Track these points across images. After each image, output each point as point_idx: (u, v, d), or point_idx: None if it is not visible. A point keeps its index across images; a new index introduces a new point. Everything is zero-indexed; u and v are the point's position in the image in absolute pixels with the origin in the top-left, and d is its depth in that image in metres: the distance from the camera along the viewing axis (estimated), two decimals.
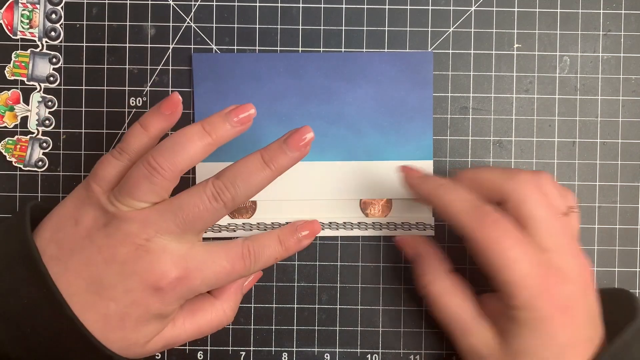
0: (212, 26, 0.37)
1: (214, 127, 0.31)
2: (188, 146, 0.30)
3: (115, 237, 0.29)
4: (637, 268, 0.38)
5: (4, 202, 0.37)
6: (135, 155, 0.31)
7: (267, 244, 0.32)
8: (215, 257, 0.30)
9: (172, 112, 0.32)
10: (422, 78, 0.37)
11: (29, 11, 0.37)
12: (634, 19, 0.38)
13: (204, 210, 0.30)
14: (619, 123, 0.38)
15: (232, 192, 0.30)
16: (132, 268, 0.29)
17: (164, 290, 0.29)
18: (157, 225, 0.29)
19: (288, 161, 0.31)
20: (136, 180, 0.30)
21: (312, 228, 0.34)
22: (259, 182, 0.30)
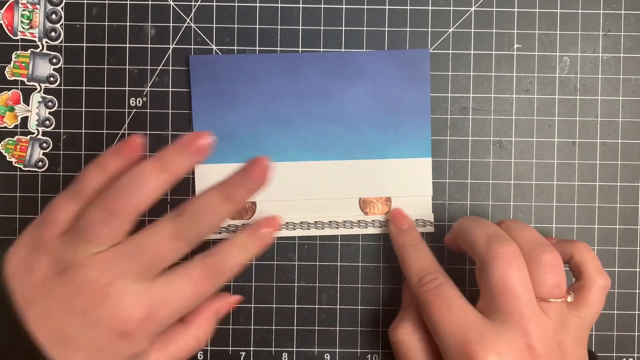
0: (212, 26, 0.37)
1: (170, 162, 0.30)
2: (145, 186, 0.29)
3: (73, 284, 0.28)
4: (637, 268, 0.38)
5: (4, 202, 0.37)
6: (90, 196, 0.30)
7: (229, 252, 0.31)
8: (176, 285, 0.29)
9: (130, 155, 0.31)
10: (419, 76, 0.37)
11: (29, 11, 0.37)
12: (634, 19, 0.38)
13: (166, 250, 0.29)
14: (618, 123, 0.38)
15: (195, 230, 0.29)
16: (94, 316, 0.28)
17: (132, 334, 0.28)
18: (117, 269, 0.28)
19: (248, 194, 0.30)
20: (93, 224, 0.29)
21: (271, 223, 0.33)
22: (220, 217, 0.30)
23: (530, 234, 0.32)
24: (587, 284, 0.32)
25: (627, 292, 0.38)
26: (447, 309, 0.30)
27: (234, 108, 0.37)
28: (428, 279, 0.32)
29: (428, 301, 0.31)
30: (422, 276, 0.32)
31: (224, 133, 0.37)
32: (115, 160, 0.31)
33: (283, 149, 0.37)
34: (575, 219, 0.38)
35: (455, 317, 0.30)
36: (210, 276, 0.30)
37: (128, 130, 0.37)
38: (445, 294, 0.31)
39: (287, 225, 0.37)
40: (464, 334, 0.29)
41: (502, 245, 0.30)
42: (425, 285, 0.32)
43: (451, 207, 0.38)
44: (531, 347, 0.29)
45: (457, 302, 0.31)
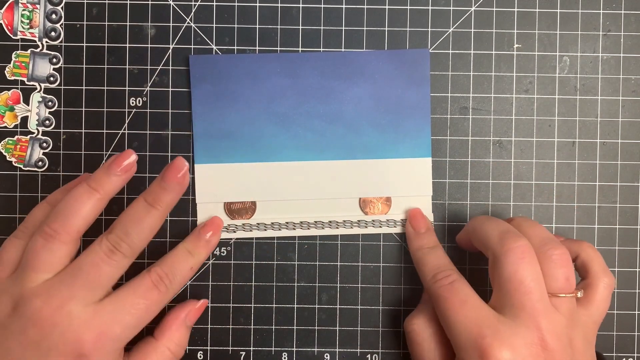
0: (212, 26, 0.37)
1: (100, 182, 0.31)
2: (79, 207, 0.31)
3: (24, 317, 0.29)
4: (637, 268, 0.38)
5: (4, 202, 0.37)
6: (35, 229, 0.32)
7: (176, 260, 0.33)
8: (125, 301, 0.30)
9: None
10: (419, 76, 0.37)
11: (29, 11, 0.37)
12: (634, 19, 0.38)
13: (104, 266, 0.30)
14: (618, 123, 0.38)
15: (127, 242, 0.31)
16: (47, 345, 0.29)
17: (87, 355, 0.29)
18: (61, 294, 0.29)
19: (171, 197, 0.32)
20: (34, 251, 0.30)
21: (214, 226, 0.35)
22: (150, 224, 0.32)
23: (541, 231, 0.32)
24: (593, 282, 0.33)
25: (627, 292, 0.38)
26: (461, 304, 0.31)
27: (234, 108, 0.37)
28: (442, 275, 0.33)
29: (442, 296, 0.32)
30: (436, 273, 0.33)
31: (224, 133, 0.37)
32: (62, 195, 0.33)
33: (283, 148, 0.37)
34: (575, 219, 0.38)
35: (470, 312, 0.30)
36: (159, 285, 0.31)
37: (128, 130, 0.37)
38: (459, 290, 0.32)
39: (287, 225, 0.37)
40: (478, 328, 0.30)
41: (515, 241, 0.31)
42: (439, 282, 0.32)
43: (451, 207, 0.38)
44: (544, 341, 0.29)
45: (471, 298, 0.31)
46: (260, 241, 0.38)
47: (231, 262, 0.38)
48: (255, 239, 0.38)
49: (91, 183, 0.31)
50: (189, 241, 0.34)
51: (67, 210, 0.31)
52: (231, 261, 0.38)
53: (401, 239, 0.38)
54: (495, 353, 0.29)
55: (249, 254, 0.38)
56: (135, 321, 0.30)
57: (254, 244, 0.38)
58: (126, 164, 0.32)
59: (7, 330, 0.29)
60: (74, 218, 0.31)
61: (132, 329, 0.31)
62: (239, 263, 0.38)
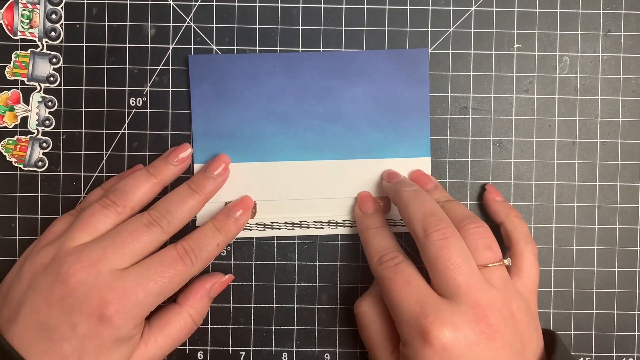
0: (212, 26, 0.37)
1: (158, 170, 0.34)
2: (138, 186, 0.33)
3: (54, 274, 0.30)
4: (637, 268, 0.38)
5: (4, 202, 0.37)
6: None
7: (204, 234, 0.34)
8: (150, 269, 0.31)
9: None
10: (418, 75, 0.37)
11: (29, 11, 0.37)
12: (634, 19, 0.38)
13: (142, 235, 0.32)
14: (619, 123, 0.38)
15: (168, 218, 0.33)
16: (71, 303, 0.30)
17: (109, 317, 0.30)
18: (93, 255, 0.31)
19: (213, 186, 0.35)
20: (88, 215, 0.32)
21: (244, 205, 0.36)
22: (191, 206, 0.34)
23: (461, 210, 0.33)
24: (518, 251, 0.34)
25: (627, 292, 0.38)
26: (405, 284, 0.31)
27: (234, 107, 0.37)
28: (388, 257, 0.33)
29: (386, 277, 0.32)
30: (382, 255, 0.33)
31: (224, 132, 0.37)
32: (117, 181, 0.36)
33: (282, 148, 0.37)
34: (575, 219, 0.38)
35: (413, 292, 0.31)
36: (185, 258, 0.32)
37: (128, 130, 0.37)
38: (403, 271, 0.32)
39: (287, 225, 0.37)
40: (420, 308, 0.30)
41: (436, 224, 0.31)
42: (385, 263, 0.33)
43: None
44: (485, 317, 0.29)
45: (414, 278, 0.31)
46: (260, 241, 0.38)
47: (231, 262, 0.38)
48: (255, 238, 0.38)
49: (150, 169, 0.34)
50: (218, 219, 0.35)
51: (127, 187, 0.33)
52: (231, 261, 0.38)
53: (401, 238, 0.38)
54: (437, 332, 0.29)
55: (249, 254, 0.38)
56: (159, 289, 0.31)
57: (254, 244, 0.38)
58: (182, 156, 0.35)
59: (35, 290, 0.30)
60: (132, 194, 0.33)
61: (155, 297, 0.31)
62: (239, 263, 0.38)
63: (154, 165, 0.35)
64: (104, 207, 0.33)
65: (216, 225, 0.34)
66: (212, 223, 0.34)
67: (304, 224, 0.37)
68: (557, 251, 0.38)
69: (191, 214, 0.34)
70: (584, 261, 0.38)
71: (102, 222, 0.32)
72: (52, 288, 0.30)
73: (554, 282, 0.38)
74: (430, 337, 0.29)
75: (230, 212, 0.35)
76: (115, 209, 0.33)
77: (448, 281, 0.30)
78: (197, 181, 0.34)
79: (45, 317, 0.30)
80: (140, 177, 0.34)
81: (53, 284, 0.30)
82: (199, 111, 0.37)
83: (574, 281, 0.38)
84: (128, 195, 0.33)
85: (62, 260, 0.30)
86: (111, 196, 0.33)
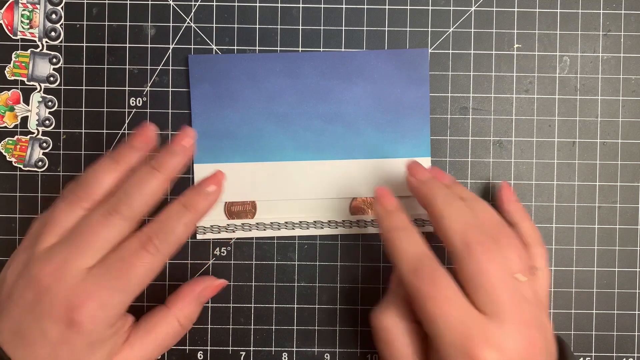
0: (212, 26, 0.37)
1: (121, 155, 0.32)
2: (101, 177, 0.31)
3: (25, 280, 0.29)
4: (637, 268, 0.38)
5: (4, 202, 0.37)
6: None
7: (169, 215, 0.31)
8: (111, 265, 0.29)
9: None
10: (418, 75, 0.37)
11: (29, 11, 0.37)
12: (634, 19, 0.38)
13: (100, 228, 0.29)
14: (619, 123, 0.38)
15: (127, 203, 0.30)
16: (40, 309, 0.28)
17: (78, 321, 0.28)
18: (58, 257, 0.29)
19: (176, 161, 0.31)
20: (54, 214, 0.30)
21: (216, 179, 0.32)
22: (152, 187, 0.31)
23: (490, 215, 0.32)
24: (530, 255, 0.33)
25: (627, 292, 0.38)
26: (446, 301, 0.29)
27: (233, 107, 0.37)
28: (423, 267, 0.30)
29: (423, 290, 0.29)
30: (417, 264, 0.30)
31: (223, 132, 0.37)
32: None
33: (282, 148, 0.37)
34: (575, 219, 0.38)
35: (454, 311, 0.28)
36: (147, 246, 0.30)
37: (128, 130, 0.37)
38: (442, 284, 0.29)
39: (287, 225, 0.37)
40: (464, 328, 0.28)
41: (479, 236, 0.30)
42: (421, 274, 0.30)
43: None
44: (530, 336, 0.28)
45: (454, 294, 0.29)
46: (260, 241, 0.38)
47: (231, 262, 0.38)
48: (255, 238, 0.38)
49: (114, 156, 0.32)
50: (185, 194, 0.31)
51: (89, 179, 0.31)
52: (231, 261, 0.38)
53: None
54: (484, 355, 0.27)
55: (249, 254, 0.38)
56: (124, 285, 0.29)
57: (254, 244, 0.38)
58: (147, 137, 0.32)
59: (11, 296, 0.29)
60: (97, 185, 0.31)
61: (123, 294, 0.29)
62: (239, 263, 0.38)
63: (118, 151, 0.32)
64: (68, 203, 0.30)
65: (183, 202, 0.31)
66: (178, 201, 0.31)
67: (304, 224, 0.37)
68: (557, 251, 0.38)
69: (154, 196, 0.31)
70: (584, 261, 0.38)
71: (67, 220, 0.30)
72: (24, 294, 0.29)
73: (554, 282, 0.38)
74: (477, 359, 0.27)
75: (200, 187, 0.32)
76: (80, 204, 0.30)
77: (492, 298, 0.29)
78: (159, 158, 0.31)
79: (19, 324, 0.29)
80: (104, 166, 0.31)
81: (24, 290, 0.29)
82: (199, 111, 0.37)
83: (574, 281, 0.38)
84: (91, 188, 0.31)
85: (32, 265, 0.29)
86: (75, 190, 0.31)
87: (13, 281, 0.30)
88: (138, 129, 0.32)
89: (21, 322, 0.29)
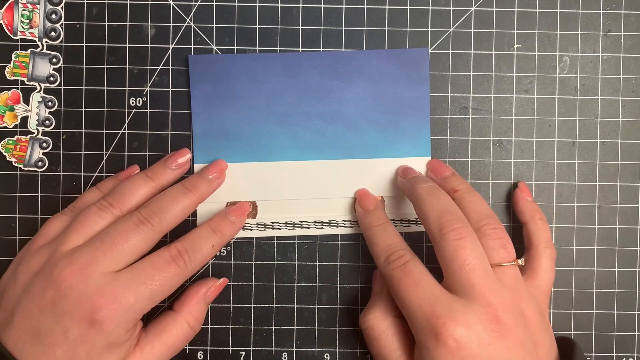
0: (212, 26, 0.37)
1: (157, 173, 0.34)
2: (136, 189, 0.33)
3: (46, 278, 0.30)
4: (637, 268, 0.38)
5: (4, 202, 0.37)
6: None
7: (199, 235, 0.33)
8: (141, 272, 0.31)
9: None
10: (418, 75, 0.37)
11: (29, 11, 0.37)
12: (634, 19, 0.38)
13: (131, 235, 0.31)
14: (619, 123, 0.38)
15: (159, 216, 0.32)
16: (62, 308, 0.29)
17: (100, 321, 0.29)
18: (84, 258, 0.30)
19: (208, 188, 0.35)
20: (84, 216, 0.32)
21: (240, 210, 0.35)
22: (185, 205, 0.33)
23: (480, 206, 0.33)
24: (536, 254, 0.34)
25: (627, 292, 0.38)
26: (415, 285, 0.31)
27: (234, 107, 0.37)
28: (395, 256, 0.32)
29: (396, 278, 0.32)
30: (389, 254, 0.33)
31: (223, 132, 0.37)
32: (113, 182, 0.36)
33: (282, 148, 0.37)
34: (575, 219, 0.38)
35: (423, 293, 0.30)
36: (178, 260, 0.31)
37: (128, 130, 0.37)
38: (413, 270, 0.31)
39: (287, 224, 0.37)
40: (431, 308, 0.30)
41: (452, 224, 0.31)
42: (392, 263, 0.32)
43: None
44: (497, 316, 0.29)
45: (424, 278, 0.31)
46: (260, 241, 0.38)
47: (231, 262, 0.38)
48: (255, 238, 0.38)
49: (148, 173, 0.34)
50: (214, 220, 0.34)
51: (124, 189, 0.33)
52: (231, 261, 0.38)
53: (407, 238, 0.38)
54: (449, 331, 0.29)
55: (249, 254, 0.38)
56: (150, 293, 0.30)
57: (254, 244, 0.38)
58: (181, 161, 0.35)
59: (28, 294, 0.30)
60: (130, 196, 0.33)
61: (147, 301, 0.30)
62: (239, 263, 0.38)
63: (153, 168, 0.35)
64: (100, 209, 0.32)
65: (212, 227, 0.34)
66: (207, 224, 0.34)
67: (304, 224, 0.37)
68: (557, 251, 0.38)
69: (184, 214, 0.33)
70: (584, 261, 0.38)
71: (97, 224, 0.32)
72: (44, 293, 0.30)
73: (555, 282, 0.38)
74: (444, 337, 0.29)
75: (227, 215, 0.35)
76: (112, 211, 0.32)
77: (462, 281, 0.30)
78: (192, 181, 0.34)
79: (37, 322, 0.29)
80: (139, 180, 0.34)
81: (45, 288, 0.30)
82: (199, 111, 0.37)
83: (574, 281, 0.38)
84: (125, 198, 0.33)
85: (54, 264, 0.30)
86: (109, 198, 0.33)
87: (29, 279, 0.31)
88: (176, 152, 0.36)
89: (41, 320, 0.29)
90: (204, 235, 0.33)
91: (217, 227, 0.34)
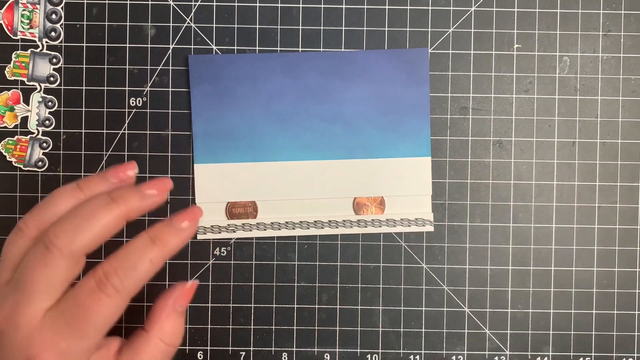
0: (212, 26, 0.37)
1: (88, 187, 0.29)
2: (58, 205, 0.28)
3: None
4: (637, 268, 0.38)
5: (4, 202, 0.37)
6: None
7: (133, 248, 0.27)
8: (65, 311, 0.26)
9: None
10: (418, 75, 0.37)
11: (29, 11, 0.37)
12: (634, 19, 0.38)
13: (38, 267, 0.26)
14: (618, 123, 0.38)
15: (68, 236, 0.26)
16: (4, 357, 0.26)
17: None
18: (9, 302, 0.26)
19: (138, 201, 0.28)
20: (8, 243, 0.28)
21: (190, 215, 0.29)
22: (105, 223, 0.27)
23: None
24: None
25: (627, 292, 0.38)
26: None
27: (234, 108, 0.37)
28: None
29: None
30: None
31: (223, 133, 0.37)
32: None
33: (282, 148, 0.37)
34: (575, 219, 0.38)
35: None
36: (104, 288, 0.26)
37: (128, 130, 0.37)
38: None
39: (287, 225, 0.37)
40: None
41: None
42: None
43: (451, 207, 0.38)
44: None
45: None
46: (260, 241, 0.38)
47: (231, 262, 0.38)
48: (255, 238, 0.38)
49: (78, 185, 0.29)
50: (154, 227, 0.28)
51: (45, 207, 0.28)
52: (231, 261, 0.38)
53: (401, 238, 0.38)
54: None
55: (249, 254, 0.38)
56: (82, 332, 0.26)
57: (254, 244, 0.38)
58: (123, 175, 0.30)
59: None
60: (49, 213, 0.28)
61: (83, 341, 0.26)
62: (239, 263, 0.38)
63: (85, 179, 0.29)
64: (15, 233, 0.27)
65: (151, 235, 0.27)
66: (145, 233, 0.27)
67: (304, 224, 0.37)
68: (557, 251, 0.38)
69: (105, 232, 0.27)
70: (584, 261, 0.38)
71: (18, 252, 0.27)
72: None
73: (554, 282, 0.38)
74: None
75: (173, 221, 0.28)
76: (28, 234, 0.27)
77: None
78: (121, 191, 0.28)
79: None
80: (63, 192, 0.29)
81: None
82: (199, 111, 0.37)
83: (574, 281, 0.38)
84: (41, 216, 0.28)
85: None
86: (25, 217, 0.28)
87: None
88: (119, 164, 0.30)
89: None
90: (139, 247, 0.27)
91: (157, 236, 0.27)
